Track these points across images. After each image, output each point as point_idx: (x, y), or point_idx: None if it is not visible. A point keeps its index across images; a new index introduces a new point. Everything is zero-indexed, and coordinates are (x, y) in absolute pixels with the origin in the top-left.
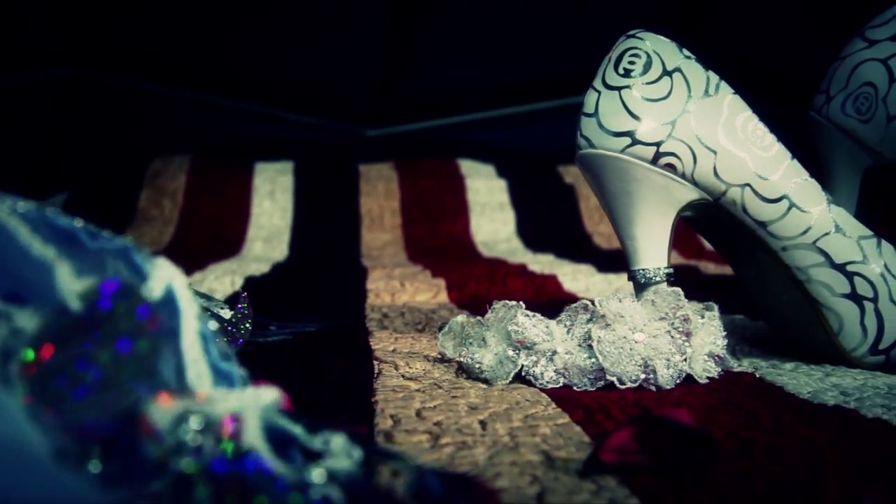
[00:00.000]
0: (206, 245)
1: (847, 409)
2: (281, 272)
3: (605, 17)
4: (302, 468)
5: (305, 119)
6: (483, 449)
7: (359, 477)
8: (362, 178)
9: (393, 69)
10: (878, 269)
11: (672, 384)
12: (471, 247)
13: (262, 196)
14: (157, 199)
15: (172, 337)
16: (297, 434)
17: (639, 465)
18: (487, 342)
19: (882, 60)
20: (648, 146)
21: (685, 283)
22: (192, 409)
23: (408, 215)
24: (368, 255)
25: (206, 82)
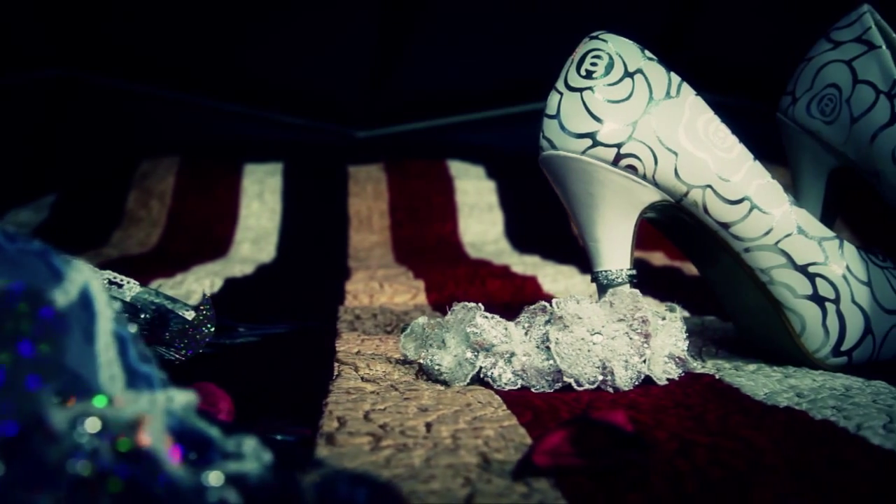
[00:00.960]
0: (193, 246)
1: (797, 410)
2: (265, 274)
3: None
4: (200, 471)
5: (295, 120)
6: (422, 451)
7: (264, 480)
8: (351, 179)
9: (383, 70)
10: (840, 271)
11: (630, 386)
12: (458, 248)
13: (251, 197)
14: (146, 200)
15: (87, 339)
16: (213, 436)
17: (572, 467)
18: (447, 344)
19: (846, 62)
20: (609, 148)
21: (667, 283)
22: (89, 411)
23: (396, 217)
24: (356, 257)
25: (196, 83)
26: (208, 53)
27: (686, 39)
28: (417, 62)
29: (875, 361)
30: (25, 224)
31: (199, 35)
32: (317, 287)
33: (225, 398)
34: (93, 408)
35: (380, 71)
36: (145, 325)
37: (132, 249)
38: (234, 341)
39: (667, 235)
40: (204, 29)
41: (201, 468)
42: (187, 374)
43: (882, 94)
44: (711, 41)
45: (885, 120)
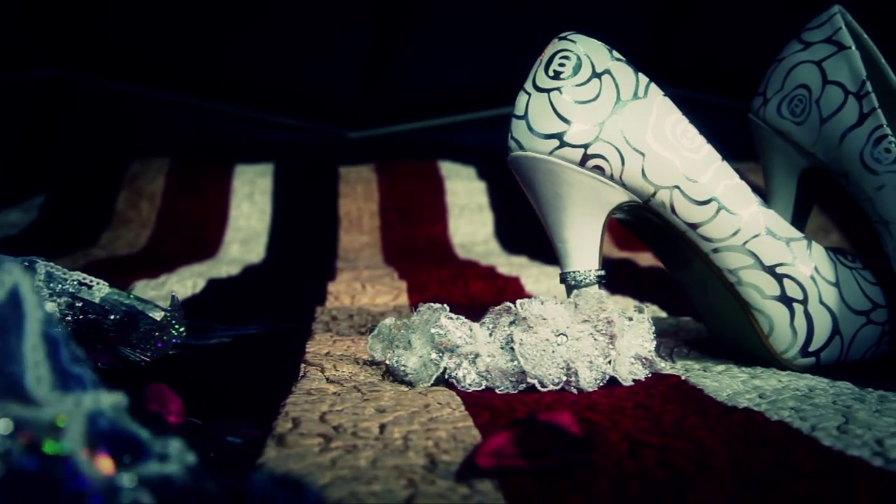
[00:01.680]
0: (182, 247)
1: (755, 411)
2: (251, 275)
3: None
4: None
5: (287, 121)
6: (371, 452)
7: (184, 482)
8: (342, 179)
9: (375, 71)
10: (808, 272)
11: (595, 387)
12: (448, 249)
13: (241, 198)
14: (135, 201)
15: (17, 340)
16: (143, 438)
17: (516, 468)
18: (413, 345)
19: (816, 62)
20: (576, 148)
21: (650, 284)
22: (5, 412)
23: (386, 217)
24: (345, 258)
25: (188, 84)
26: (200, 54)
27: (678, 39)
28: (409, 63)
29: (843, 362)
30: (15, 224)
31: (191, 36)
32: (300, 288)
33: (175, 400)
34: (10, 409)
35: (372, 72)
36: (113, 326)
37: (121, 250)
38: (206, 342)
39: (637, 237)
40: (196, 30)
41: (123, 470)
42: (151, 376)
43: (851, 94)
44: (704, 40)
45: (853, 121)
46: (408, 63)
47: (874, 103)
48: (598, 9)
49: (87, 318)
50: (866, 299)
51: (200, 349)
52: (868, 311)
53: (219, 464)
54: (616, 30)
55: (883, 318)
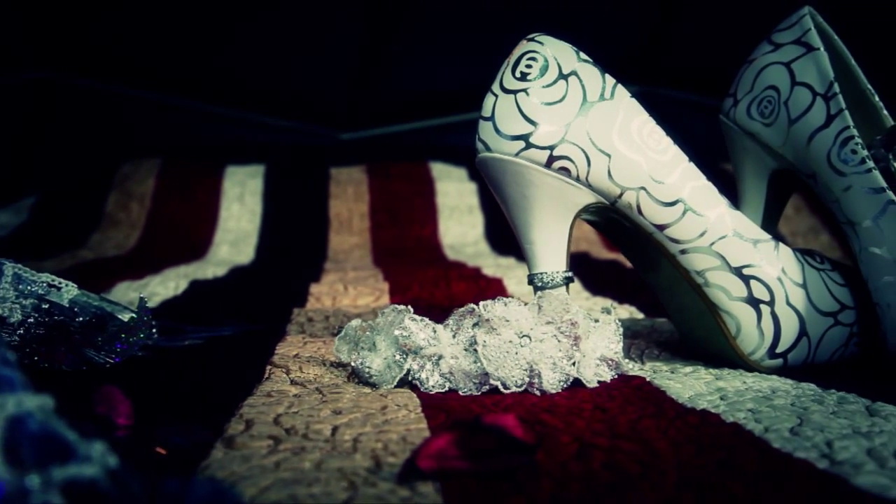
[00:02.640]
0: (171, 249)
1: (712, 413)
2: (237, 276)
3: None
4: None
5: (279, 122)
6: (317, 454)
7: (102, 484)
8: (332, 181)
9: (366, 72)
10: (775, 273)
11: (558, 388)
12: (437, 250)
13: (231, 199)
14: (125, 202)
15: None
16: (70, 440)
17: (458, 470)
18: (377, 346)
19: (785, 64)
20: (542, 150)
21: (631, 284)
22: None
23: (376, 219)
24: (334, 259)
25: (181, 85)
26: (192, 55)
27: (668, 39)
28: (402, 64)
29: (811, 364)
30: (4, 226)
31: (183, 37)
32: (283, 289)
33: (124, 402)
34: None
35: (363, 73)
36: (79, 327)
37: (109, 252)
38: (177, 344)
39: (609, 238)
40: (189, 31)
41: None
42: (114, 378)
43: (819, 96)
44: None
45: (821, 122)
46: (399, 64)
47: (841, 105)
48: (590, 10)
49: (54, 319)
50: (834, 301)
51: (169, 351)
52: (835, 312)
53: (161, 466)
54: (608, 31)
55: (851, 320)
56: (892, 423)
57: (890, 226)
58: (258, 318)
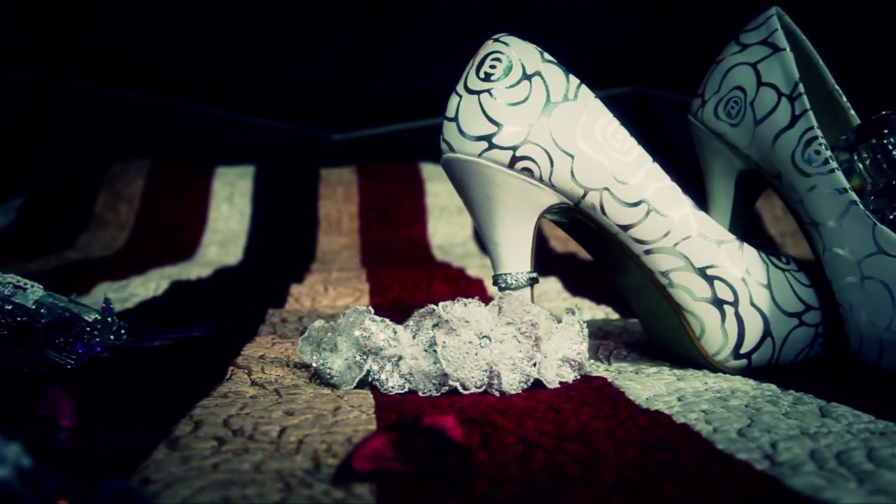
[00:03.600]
0: (159, 249)
1: (664, 414)
2: (221, 277)
3: (571, 22)
4: None
5: (271, 123)
6: (259, 456)
7: (13, 485)
8: (322, 181)
9: (359, 73)
10: (739, 273)
11: (518, 389)
12: (426, 250)
13: (221, 200)
14: (114, 203)
15: None
16: None
17: (394, 472)
18: (339, 347)
19: (752, 64)
20: (505, 150)
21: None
22: None
23: (366, 219)
24: (322, 260)
25: (173, 86)
26: (185, 57)
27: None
28: (393, 65)
29: (776, 365)
30: None
31: (176, 38)
32: (264, 290)
33: (67, 403)
34: None
35: (356, 73)
36: (43, 329)
37: (97, 252)
38: (146, 345)
39: (575, 239)
40: (181, 32)
41: None
42: (74, 379)
43: (784, 96)
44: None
45: (785, 123)
46: (392, 65)
47: (806, 105)
48: (582, 11)
49: (17, 321)
50: (799, 301)
51: (136, 352)
52: (800, 313)
53: (101, 468)
54: (600, 31)
55: (816, 321)
56: (842, 424)
57: (852, 226)
58: (233, 319)
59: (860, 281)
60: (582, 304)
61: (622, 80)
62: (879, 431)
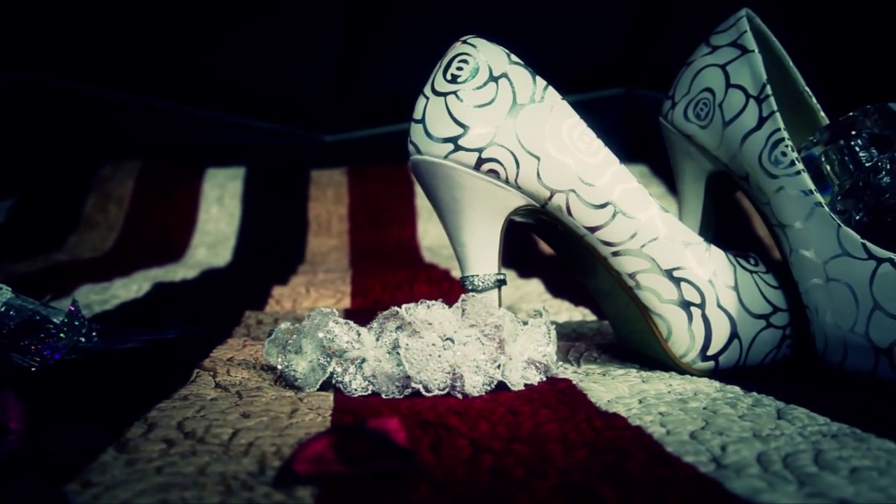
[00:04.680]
0: (148, 251)
1: (619, 417)
2: (206, 279)
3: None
4: None
5: (262, 125)
6: (205, 458)
7: None
8: (312, 183)
9: (350, 74)
10: (706, 275)
11: (481, 391)
12: (415, 252)
13: (210, 202)
14: (103, 204)
15: None
16: None
17: (336, 474)
18: (304, 349)
19: (721, 66)
20: (470, 152)
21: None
22: None
23: (356, 221)
24: (311, 261)
25: (164, 88)
26: (177, 58)
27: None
28: (385, 66)
29: (743, 367)
30: None
31: (168, 40)
32: (246, 292)
33: (15, 406)
34: None
35: (347, 74)
36: (7, 331)
37: (85, 254)
38: (118, 347)
39: (545, 241)
40: (174, 34)
41: None
42: (36, 382)
43: (752, 98)
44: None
45: (753, 124)
46: (383, 66)
47: (773, 107)
48: (573, 13)
49: None
50: (766, 303)
51: (106, 354)
52: (768, 314)
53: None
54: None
55: (784, 322)
56: (797, 426)
57: (817, 228)
58: (210, 321)
59: (825, 283)
60: (561, 305)
61: (614, 81)
62: (832, 434)
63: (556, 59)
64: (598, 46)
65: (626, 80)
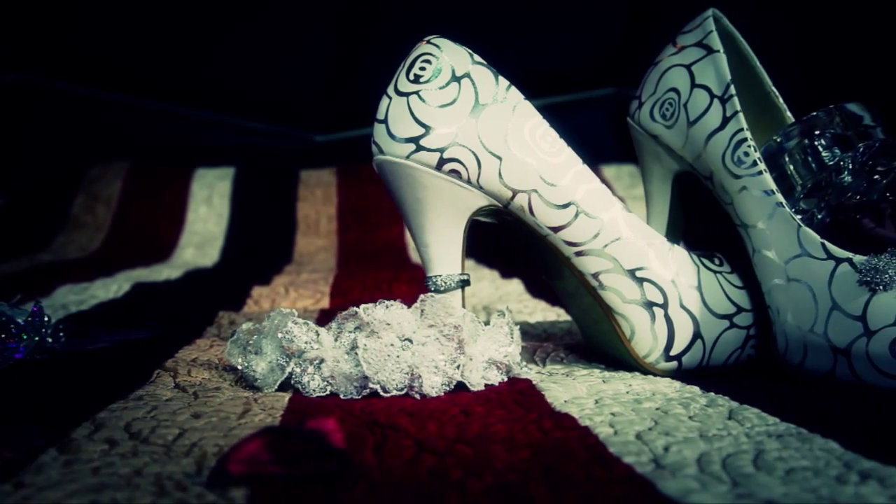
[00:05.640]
0: (135, 252)
1: (569, 417)
2: (189, 279)
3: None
4: None
5: (253, 125)
6: (145, 460)
7: None
8: (302, 183)
9: (342, 74)
10: (669, 275)
11: (440, 392)
12: (403, 252)
13: (199, 202)
14: (91, 204)
15: None
16: None
17: (269, 475)
18: (264, 350)
19: (686, 66)
20: (432, 152)
21: None
22: None
23: (344, 221)
24: (299, 261)
25: (155, 89)
26: (168, 59)
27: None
28: (375, 66)
29: (707, 366)
30: None
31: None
32: (226, 292)
33: None
34: None
35: (339, 74)
36: None
37: (72, 254)
38: (84, 347)
39: (513, 243)
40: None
41: None
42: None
43: (716, 98)
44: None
45: (717, 124)
46: (374, 66)
47: (736, 107)
48: (566, 13)
49: None
50: (730, 303)
51: (72, 354)
52: (731, 315)
53: None
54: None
55: (747, 323)
56: (745, 427)
57: (778, 228)
58: (184, 321)
59: (786, 283)
60: (538, 305)
61: (604, 81)
62: (777, 434)
63: (546, 59)
64: (588, 47)
65: (617, 80)
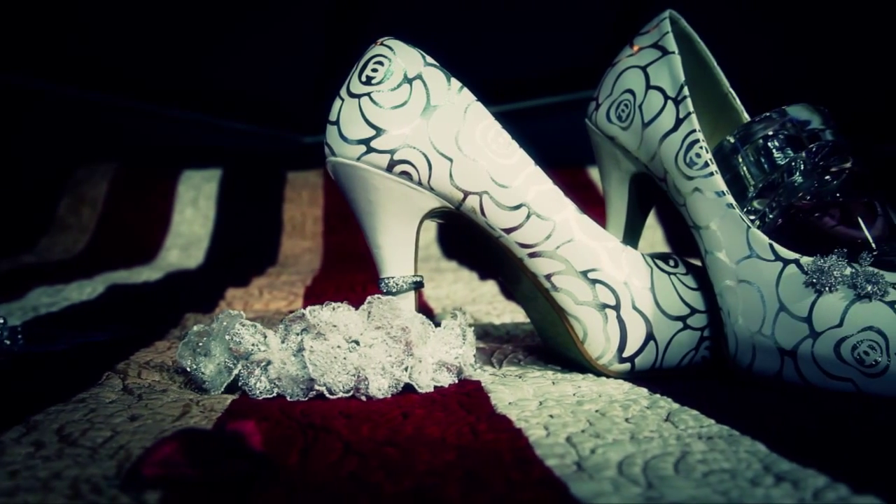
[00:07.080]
0: (119, 253)
1: (506, 419)
2: (168, 281)
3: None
4: None
5: (241, 126)
6: (66, 462)
7: None
8: (288, 185)
9: (331, 74)
10: (621, 277)
11: (387, 393)
12: None
13: (185, 204)
14: (76, 206)
15: None
16: None
17: (184, 477)
18: (212, 352)
19: (642, 67)
20: (383, 154)
21: None
22: None
23: (329, 223)
24: (284, 263)
25: (147, 90)
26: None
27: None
28: None
29: (660, 369)
30: None
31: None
32: (200, 294)
33: None
34: None
35: (328, 75)
36: None
37: (56, 256)
38: (41, 350)
39: (471, 248)
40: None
41: None
42: None
43: (670, 99)
44: None
45: (670, 126)
46: None
47: (689, 108)
48: (557, 13)
49: None
50: (683, 304)
51: (27, 356)
52: (684, 316)
53: None
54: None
55: (701, 324)
56: (679, 429)
57: (729, 229)
58: (149, 324)
59: (736, 284)
60: (508, 307)
61: (593, 82)
62: (708, 436)
63: (539, 59)
64: (576, 47)
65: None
